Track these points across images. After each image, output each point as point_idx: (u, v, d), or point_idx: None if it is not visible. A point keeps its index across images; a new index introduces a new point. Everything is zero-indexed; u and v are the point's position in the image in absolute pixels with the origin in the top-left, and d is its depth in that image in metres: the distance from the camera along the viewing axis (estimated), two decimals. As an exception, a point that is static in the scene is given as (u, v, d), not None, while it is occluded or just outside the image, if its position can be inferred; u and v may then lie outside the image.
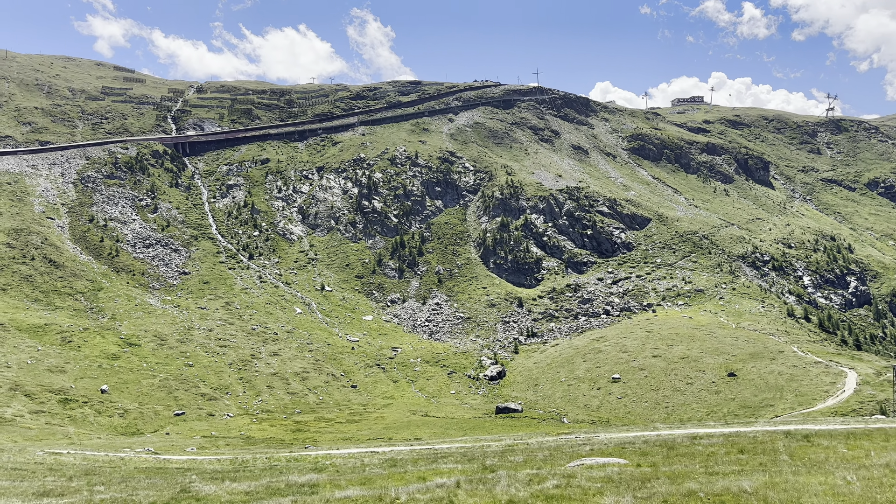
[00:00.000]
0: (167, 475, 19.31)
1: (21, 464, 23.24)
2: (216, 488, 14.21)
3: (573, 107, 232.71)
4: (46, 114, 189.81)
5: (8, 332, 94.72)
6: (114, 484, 16.06)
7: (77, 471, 21.39)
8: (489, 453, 21.84)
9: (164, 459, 28.64)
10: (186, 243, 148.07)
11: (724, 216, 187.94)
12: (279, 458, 28.64)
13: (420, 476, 15.00)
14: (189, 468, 23.37)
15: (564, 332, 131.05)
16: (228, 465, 25.18)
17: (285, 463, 24.40)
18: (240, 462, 26.41)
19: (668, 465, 16.08)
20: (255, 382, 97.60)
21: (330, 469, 18.43)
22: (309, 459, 26.13)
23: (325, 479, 15.23)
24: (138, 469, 23.22)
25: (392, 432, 75.28)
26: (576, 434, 31.56)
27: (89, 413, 74.91)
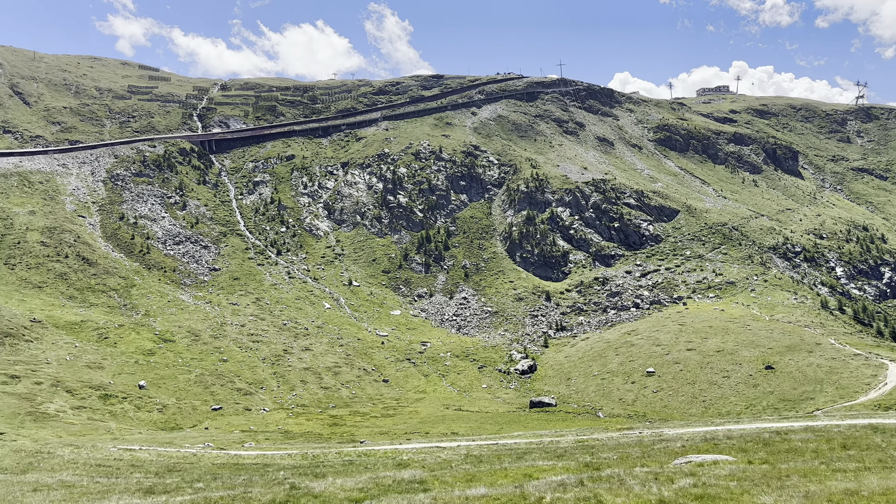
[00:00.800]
0: (254, 471, 19.19)
1: (101, 460, 23.33)
2: (324, 485, 13.98)
3: (597, 98, 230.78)
4: (75, 113, 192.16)
5: (46, 329, 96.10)
6: (210, 481, 15.97)
7: (159, 467, 21.38)
8: (567, 449, 21.49)
9: (235, 455, 28.64)
10: (215, 240, 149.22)
11: (754, 207, 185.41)
12: (348, 452, 28.50)
13: (525, 473, 14.64)
14: (266, 464, 23.25)
15: (594, 326, 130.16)
16: (301, 460, 25.04)
17: (357, 457, 24.23)
18: (311, 457, 26.24)
19: (785, 462, 15.61)
20: (288, 377, 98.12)
21: (415, 465, 18.17)
22: (379, 454, 25.94)
23: (427, 475, 14.95)
24: (217, 465, 23.18)
25: (428, 426, 75.25)
26: (638, 430, 31.07)
27: (129, 408, 75.76)
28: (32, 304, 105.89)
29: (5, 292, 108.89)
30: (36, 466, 20.38)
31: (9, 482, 15.37)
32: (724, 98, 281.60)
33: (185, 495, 13.92)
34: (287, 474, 16.85)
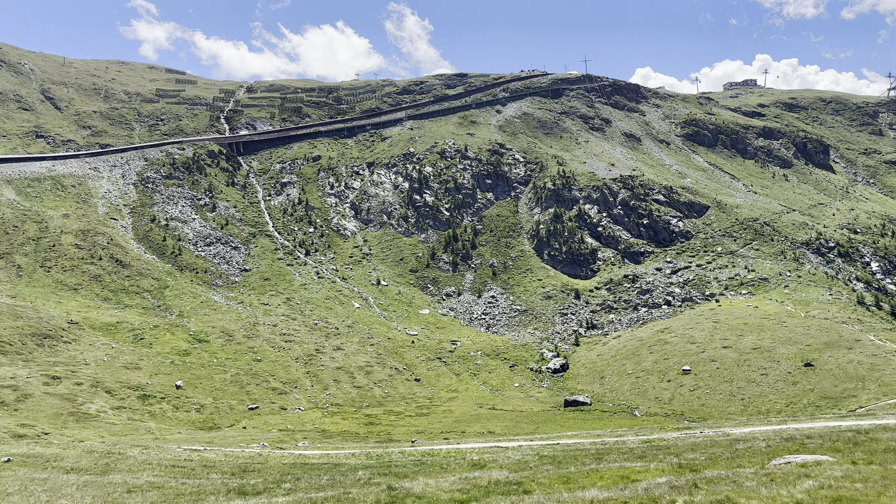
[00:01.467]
0: (328, 471, 19.00)
1: (173, 461, 23.37)
2: (421, 486, 13.72)
3: (623, 94, 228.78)
4: (105, 117, 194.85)
5: (83, 330, 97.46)
6: (294, 481, 15.78)
7: (232, 467, 21.32)
8: (644, 450, 21.06)
9: (299, 455, 28.62)
10: (245, 241, 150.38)
11: (785, 202, 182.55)
12: (411, 452, 28.32)
13: (621, 475, 14.22)
14: (335, 463, 23.08)
15: (625, 324, 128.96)
16: (367, 460, 24.84)
17: (422, 457, 24.01)
18: (376, 456, 26.06)
19: (893, 463, 15.06)
20: (321, 376, 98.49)
21: (492, 465, 17.82)
22: (442, 454, 25.73)
23: (516, 476, 14.60)
24: (288, 465, 23.08)
25: (464, 425, 75.01)
26: (698, 429, 30.38)
27: (167, 408, 76.49)
28: (69, 306, 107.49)
29: (42, 294, 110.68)
30: (114, 467, 20.42)
31: (98, 483, 15.33)
32: (751, 92, 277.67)
33: (280, 496, 13.72)
34: (368, 474, 16.60)
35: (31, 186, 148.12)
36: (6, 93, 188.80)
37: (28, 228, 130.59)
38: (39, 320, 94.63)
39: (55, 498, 13.62)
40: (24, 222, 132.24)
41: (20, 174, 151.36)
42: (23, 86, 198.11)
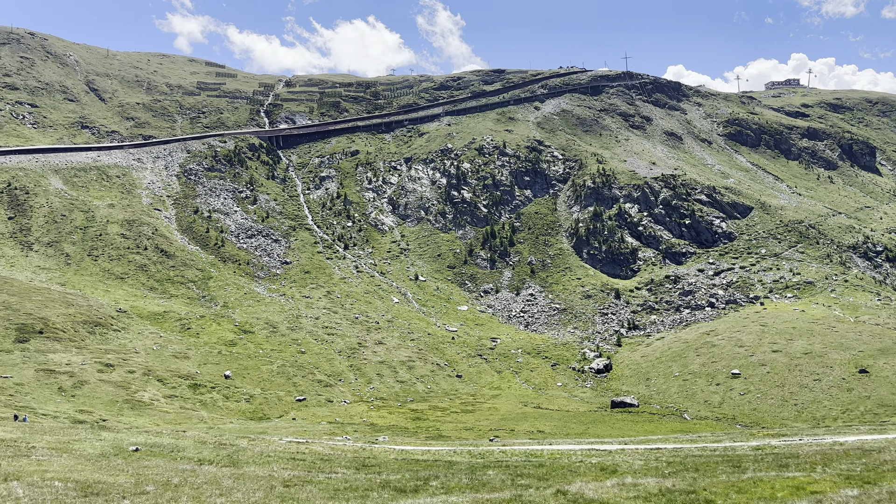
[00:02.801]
0: (449, 469, 18.65)
1: (286, 453, 23.20)
2: (591, 490, 13.22)
3: (664, 92, 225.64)
4: (147, 109, 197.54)
5: (131, 319, 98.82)
6: (431, 479, 15.38)
7: (349, 461, 21.06)
8: (779, 456, 20.27)
9: (402, 451, 28.35)
10: (285, 234, 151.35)
11: (830, 204, 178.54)
12: (513, 452, 27.78)
13: (795, 486, 13.51)
14: (449, 461, 22.66)
15: (668, 325, 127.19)
16: (475, 458, 24.40)
17: (528, 458, 23.44)
18: (479, 454, 25.63)
19: None
20: (364, 370, 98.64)
21: (626, 471, 17.20)
22: (546, 455, 25.17)
23: (682, 485, 13.98)
24: (403, 461, 22.73)
25: (512, 423, 74.44)
26: (796, 437, 29.42)
27: (218, 398, 77.12)
28: (116, 295, 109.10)
29: (90, 283, 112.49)
30: (238, 459, 20.27)
31: (247, 476, 15.09)
32: (794, 92, 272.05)
33: (437, 495, 13.32)
34: (500, 474, 16.10)
35: (77, 176, 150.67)
36: (53, 84, 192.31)
37: (75, 217, 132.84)
38: (89, 308, 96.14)
39: (223, 491, 13.36)
40: (72, 211, 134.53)
41: (67, 164, 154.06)
42: (68, 77, 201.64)
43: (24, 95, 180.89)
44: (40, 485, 12.19)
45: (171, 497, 12.21)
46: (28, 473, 13.61)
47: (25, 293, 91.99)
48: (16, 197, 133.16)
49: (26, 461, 15.66)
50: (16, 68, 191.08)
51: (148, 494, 12.31)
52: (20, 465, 14.67)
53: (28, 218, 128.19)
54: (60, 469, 14.67)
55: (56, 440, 20.95)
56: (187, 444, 24.15)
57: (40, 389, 67.00)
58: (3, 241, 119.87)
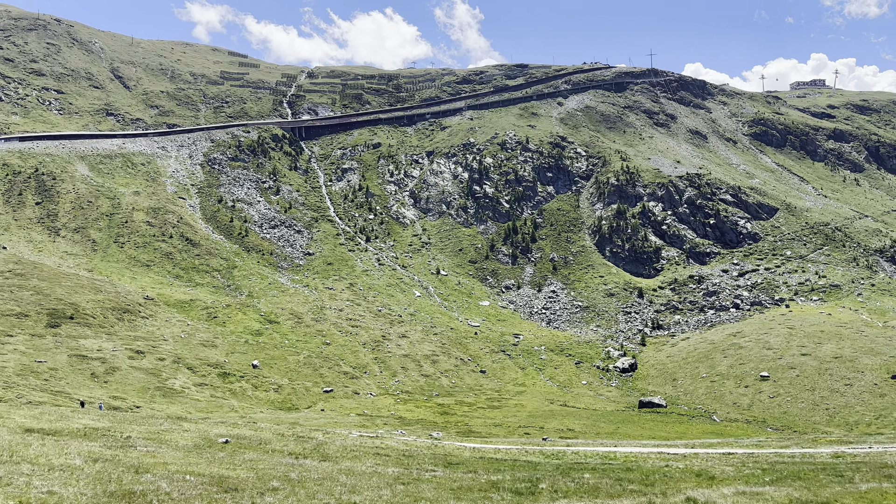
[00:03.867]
0: (526, 469, 18.29)
1: (365, 447, 22.96)
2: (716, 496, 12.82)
3: (689, 90, 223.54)
4: (171, 97, 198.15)
5: (158, 306, 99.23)
6: (537, 482, 14.99)
7: (430, 458, 20.80)
8: (866, 467, 19.75)
9: (473, 448, 28.04)
10: (308, 225, 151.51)
11: (857, 207, 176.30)
12: (587, 454, 27.37)
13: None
14: (514, 459, 22.27)
15: (692, 326, 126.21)
16: (544, 458, 24.00)
17: (604, 461, 23.02)
18: (551, 454, 25.25)
19: None
20: (389, 363, 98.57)
21: (723, 479, 16.70)
22: (620, 458, 24.78)
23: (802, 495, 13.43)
24: (482, 459, 22.36)
25: (540, 421, 74.03)
26: (865, 445, 28.76)
27: (247, 387, 77.28)
28: (143, 282, 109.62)
29: (117, 269, 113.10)
30: (327, 454, 19.98)
31: (351, 472, 14.73)
32: (819, 92, 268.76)
33: (558, 500, 12.89)
34: (600, 478, 15.68)
35: (102, 163, 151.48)
36: (78, 70, 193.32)
37: (101, 204, 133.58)
38: (117, 295, 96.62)
39: (350, 488, 13.03)
40: (98, 198, 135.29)
41: (92, 150, 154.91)
42: (93, 64, 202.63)
43: (50, 81, 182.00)
44: (175, 479, 11.93)
45: (307, 494, 11.89)
46: (152, 466, 13.37)
47: (55, 278, 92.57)
48: (43, 182, 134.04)
49: (137, 453, 15.43)
50: (42, 54, 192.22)
51: (279, 491, 12.00)
52: (137, 458, 14.44)
53: (55, 203, 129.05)
54: (176, 462, 14.43)
55: (146, 430, 20.75)
56: (267, 436, 23.92)
57: (73, 375, 67.36)
58: (31, 225, 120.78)
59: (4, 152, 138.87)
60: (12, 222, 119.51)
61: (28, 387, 59.11)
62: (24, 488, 10.26)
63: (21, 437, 15.06)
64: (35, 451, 13.44)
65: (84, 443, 15.52)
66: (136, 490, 10.70)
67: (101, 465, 12.67)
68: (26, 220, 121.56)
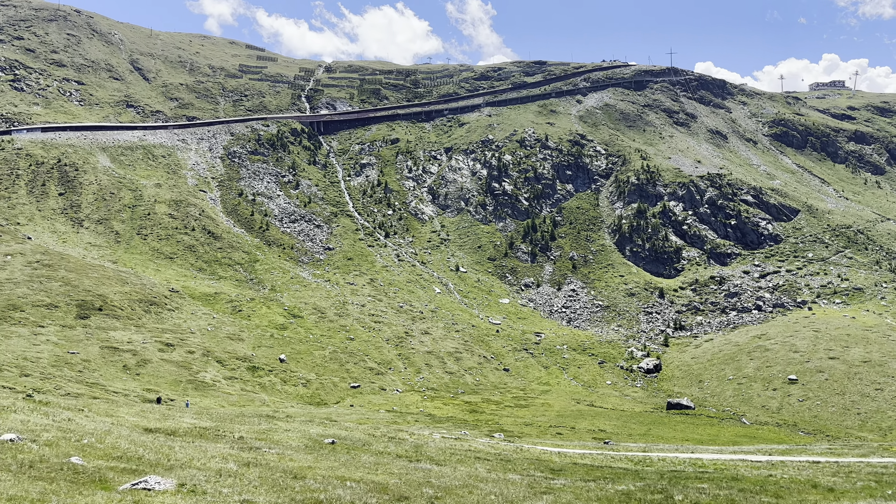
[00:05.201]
0: (633, 477, 17.82)
1: (459, 450, 22.63)
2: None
3: (709, 89, 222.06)
4: (191, 90, 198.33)
5: (183, 298, 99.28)
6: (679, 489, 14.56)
7: (538, 465, 20.41)
8: None
9: (559, 452, 27.63)
10: (327, 220, 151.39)
11: (879, 210, 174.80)
12: (677, 461, 26.89)
13: None
14: (609, 465, 21.86)
15: (715, 327, 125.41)
16: (636, 465, 23.59)
17: (700, 469, 22.59)
18: (638, 460, 24.72)
19: None
20: (413, 359, 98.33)
21: (842, 490, 16.24)
22: (708, 464, 24.29)
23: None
24: (585, 466, 21.96)
25: (570, 421, 73.61)
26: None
27: (276, 381, 77.19)
28: (167, 274, 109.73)
29: (141, 261, 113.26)
30: (433, 457, 19.67)
31: (486, 479, 14.37)
32: (839, 94, 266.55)
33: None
34: (721, 490, 15.19)
35: (124, 155, 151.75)
36: (98, 62, 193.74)
37: (123, 196, 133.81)
38: (143, 287, 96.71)
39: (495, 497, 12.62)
40: (120, 190, 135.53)
41: (113, 142, 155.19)
42: (113, 55, 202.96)
43: (70, 72, 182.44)
44: (338, 485, 11.56)
45: (478, 501, 11.56)
46: (300, 470, 13.01)
47: (82, 270, 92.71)
48: (66, 173, 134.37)
49: (271, 455, 15.08)
50: (63, 45, 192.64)
51: (441, 499, 11.61)
52: (278, 461, 14.09)
53: (78, 195, 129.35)
54: (316, 465, 14.08)
55: (250, 430, 20.49)
56: (361, 436, 23.62)
57: (106, 367, 67.38)
58: (55, 216, 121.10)
59: (27, 143, 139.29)
60: (36, 213, 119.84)
61: (64, 378, 59.14)
62: (219, 497, 9.92)
63: (151, 438, 14.77)
64: (185, 455, 13.11)
65: (213, 444, 15.21)
66: (321, 499, 10.33)
67: (258, 470, 12.34)
68: (50, 211, 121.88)
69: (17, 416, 15.39)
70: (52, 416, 16.48)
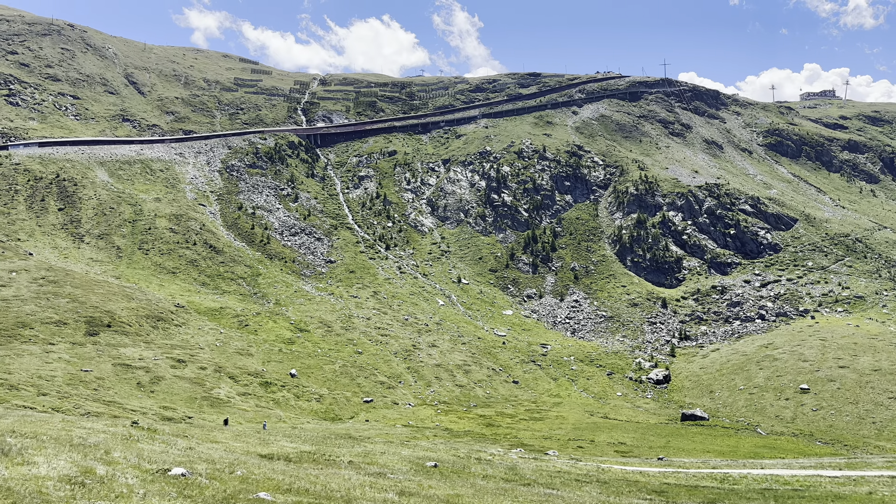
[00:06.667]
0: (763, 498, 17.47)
1: (557, 472, 22.04)
2: None
3: (703, 99, 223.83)
4: (186, 104, 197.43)
5: (190, 314, 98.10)
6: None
7: (650, 489, 19.95)
8: None
9: (661, 472, 26.94)
10: (327, 232, 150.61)
11: (875, 218, 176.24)
12: (782, 478, 26.24)
13: None
14: (720, 487, 21.44)
15: (719, 337, 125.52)
16: (751, 483, 23.12)
17: (807, 487, 22.19)
18: (751, 479, 24.26)
19: None
20: (422, 373, 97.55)
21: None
22: (807, 483, 23.84)
23: None
24: (687, 487, 21.44)
25: (588, 433, 73.06)
26: None
27: (289, 396, 76.21)
28: (171, 289, 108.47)
29: (144, 276, 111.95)
30: (532, 479, 19.19)
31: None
32: (830, 103, 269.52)
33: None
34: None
35: (122, 169, 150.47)
36: (93, 76, 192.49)
37: (123, 211, 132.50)
38: (149, 302, 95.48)
39: None
40: (120, 204, 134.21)
41: (111, 156, 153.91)
42: (108, 69, 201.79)
43: (66, 87, 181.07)
44: None
45: None
46: (449, 498, 12.44)
47: (88, 286, 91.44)
48: (64, 188, 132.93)
49: (406, 483, 14.48)
50: (57, 59, 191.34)
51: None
52: (415, 488, 13.46)
53: (77, 209, 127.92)
54: (457, 493, 13.51)
55: (352, 453, 19.82)
56: (448, 457, 23.05)
57: (120, 384, 66.24)
58: (56, 232, 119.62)
59: (25, 158, 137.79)
60: (36, 228, 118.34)
61: (81, 397, 58.01)
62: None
63: (283, 466, 14.18)
64: (338, 485, 12.46)
65: (339, 470, 14.64)
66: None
67: (415, 499, 11.79)
68: (50, 227, 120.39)
69: (143, 445, 14.72)
70: (173, 444, 15.83)
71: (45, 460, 10.70)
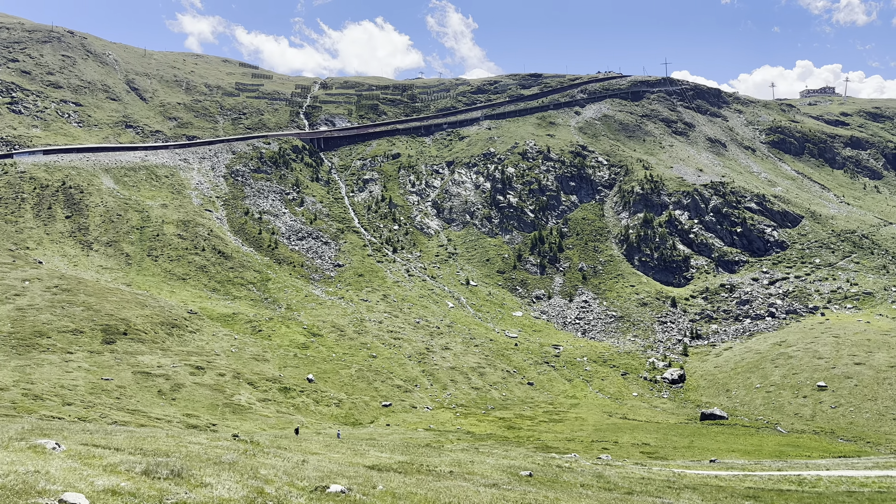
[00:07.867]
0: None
1: (643, 478, 21.79)
2: None
3: (705, 98, 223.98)
4: (189, 109, 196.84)
5: (203, 320, 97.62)
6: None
7: (746, 494, 19.66)
8: None
9: (745, 476, 26.70)
10: (334, 236, 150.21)
11: (880, 214, 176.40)
12: (862, 480, 26.00)
13: None
14: (808, 490, 21.28)
15: (731, 335, 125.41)
16: (830, 485, 23.02)
17: (885, 489, 22.02)
18: (825, 481, 24.20)
19: None
20: (438, 376, 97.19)
21: None
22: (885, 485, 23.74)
23: None
24: (778, 492, 21.26)
25: (611, 435, 72.77)
26: None
27: (308, 402, 75.81)
28: (182, 296, 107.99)
29: (154, 283, 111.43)
30: (623, 486, 18.92)
31: None
32: (830, 100, 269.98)
33: None
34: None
35: (127, 175, 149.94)
36: (95, 83, 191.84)
37: (131, 217, 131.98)
38: (162, 309, 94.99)
39: None
40: (127, 211, 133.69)
41: (116, 163, 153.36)
42: (108, 76, 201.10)
43: (68, 94, 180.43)
44: None
45: None
46: None
47: (101, 294, 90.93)
48: (71, 196, 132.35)
49: (534, 495, 14.21)
50: (58, 67, 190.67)
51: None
52: (541, 500, 13.22)
53: (85, 217, 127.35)
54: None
55: (450, 461, 19.53)
56: (533, 465, 22.77)
57: (141, 392, 65.78)
58: (63, 239, 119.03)
59: (30, 166, 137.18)
60: (44, 236, 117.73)
61: (105, 406, 57.55)
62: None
63: (388, 476, 13.87)
64: (469, 497, 12.24)
65: (450, 482, 14.37)
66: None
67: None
68: (58, 234, 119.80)
69: (264, 460, 14.40)
70: (287, 458, 15.52)
71: (214, 480, 10.40)
